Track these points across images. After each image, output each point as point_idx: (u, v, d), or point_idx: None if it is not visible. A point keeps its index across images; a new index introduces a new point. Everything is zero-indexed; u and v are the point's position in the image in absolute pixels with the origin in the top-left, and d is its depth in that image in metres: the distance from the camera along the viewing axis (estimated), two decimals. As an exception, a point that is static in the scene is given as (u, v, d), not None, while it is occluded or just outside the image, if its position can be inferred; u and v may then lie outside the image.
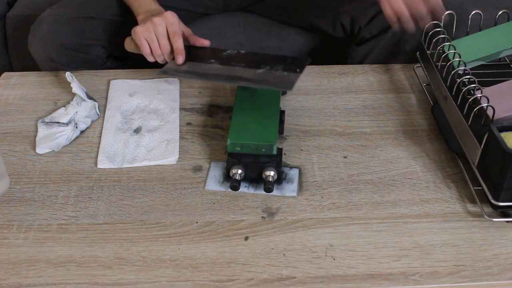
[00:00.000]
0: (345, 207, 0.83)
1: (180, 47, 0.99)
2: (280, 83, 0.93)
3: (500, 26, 1.03)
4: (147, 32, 0.98)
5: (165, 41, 0.99)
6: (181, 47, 0.99)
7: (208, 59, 1.01)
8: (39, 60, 1.12)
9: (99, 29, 1.14)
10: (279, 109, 0.94)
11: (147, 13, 1.04)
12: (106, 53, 1.18)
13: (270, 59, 1.01)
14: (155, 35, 0.98)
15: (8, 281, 0.73)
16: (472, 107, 0.84)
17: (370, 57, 1.20)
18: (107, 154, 0.93)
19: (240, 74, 0.96)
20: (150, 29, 0.98)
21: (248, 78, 0.95)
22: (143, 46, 0.99)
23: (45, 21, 1.10)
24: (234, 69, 0.98)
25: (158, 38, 0.98)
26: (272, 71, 0.96)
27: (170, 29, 0.99)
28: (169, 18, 0.99)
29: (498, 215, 0.81)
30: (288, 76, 0.95)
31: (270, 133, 0.88)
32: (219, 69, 0.98)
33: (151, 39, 0.99)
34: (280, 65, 0.98)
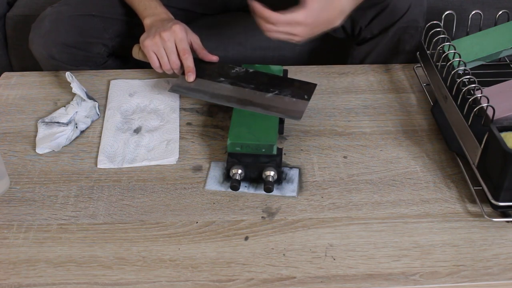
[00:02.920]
0: (345, 207, 0.83)
1: (190, 66, 0.99)
2: (289, 111, 0.93)
3: (500, 26, 1.04)
4: (156, 46, 0.99)
5: (174, 57, 0.99)
6: (191, 65, 0.99)
7: (216, 76, 1.01)
8: (40, 58, 1.12)
9: (101, 27, 1.14)
10: (279, 109, 0.94)
11: (153, 17, 1.04)
12: (107, 52, 1.18)
13: (279, 82, 1.00)
14: (164, 50, 0.99)
15: (8, 281, 0.73)
16: (472, 107, 0.84)
17: (371, 56, 1.20)
18: (107, 154, 0.93)
19: (250, 97, 0.96)
20: (159, 44, 0.98)
21: (257, 103, 0.95)
22: (153, 60, 1.00)
23: (46, 19, 1.10)
24: (244, 91, 0.98)
25: (167, 54, 0.99)
26: (281, 96, 0.96)
27: (180, 46, 0.99)
28: (178, 34, 0.98)
29: (498, 215, 0.81)
30: (296, 103, 0.95)
31: (270, 133, 0.88)
32: (229, 90, 0.98)
33: (160, 55, 0.99)
34: (288, 89, 0.98)
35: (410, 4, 1.13)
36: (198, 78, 1.00)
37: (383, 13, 1.13)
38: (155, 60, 1.00)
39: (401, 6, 1.13)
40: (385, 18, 1.14)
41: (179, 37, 0.98)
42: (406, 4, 1.13)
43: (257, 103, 0.95)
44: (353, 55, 1.23)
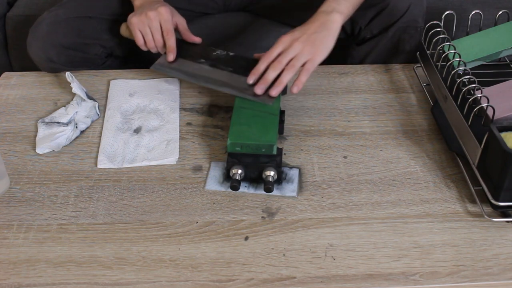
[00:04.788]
0: (345, 207, 0.83)
1: (172, 45, 1.03)
2: (262, 95, 0.95)
3: (500, 26, 1.04)
4: (141, 24, 1.02)
5: (158, 36, 1.03)
6: (173, 45, 1.03)
7: (198, 57, 1.04)
8: (39, 61, 1.12)
9: (98, 29, 1.14)
10: (279, 109, 0.94)
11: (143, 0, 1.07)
12: (106, 53, 1.18)
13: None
14: (149, 29, 1.02)
15: (8, 281, 0.73)
16: (472, 107, 0.84)
17: (371, 56, 1.20)
18: (107, 154, 0.93)
19: (227, 79, 0.99)
20: (145, 22, 1.02)
21: (233, 85, 0.97)
22: (138, 37, 1.04)
23: (44, 22, 1.10)
24: (222, 73, 1.01)
25: (152, 32, 1.03)
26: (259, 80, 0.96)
27: (164, 26, 1.02)
28: (163, 15, 1.02)
29: (498, 215, 0.81)
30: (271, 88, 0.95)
31: (270, 133, 0.87)
32: (208, 71, 1.02)
33: (145, 32, 1.03)
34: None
35: (410, 4, 1.13)
36: (180, 58, 1.04)
37: (383, 13, 1.13)
38: (140, 37, 1.04)
39: (401, 6, 1.13)
40: (384, 18, 1.14)
41: (164, 17, 1.02)
42: (406, 4, 1.13)
43: (233, 85, 0.97)
44: (352, 55, 1.23)
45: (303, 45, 0.94)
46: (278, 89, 0.93)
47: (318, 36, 0.95)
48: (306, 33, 0.95)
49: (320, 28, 0.95)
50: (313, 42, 0.94)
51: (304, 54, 0.93)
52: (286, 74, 0.93)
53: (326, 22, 0.96)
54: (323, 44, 0.95)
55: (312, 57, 0.94)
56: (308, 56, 0.94)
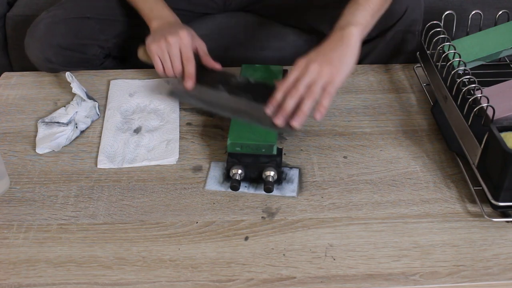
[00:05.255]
0: (345, 207, 0.83)
1: (191, 72, 0.99)
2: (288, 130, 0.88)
3: (500, 26, 1.04)
4: (160, 50, 0.99)
5: (177, 63, 1.00)
6: (192, 72, 0.99)
7: (216, 84, 0.99)
8: (37, 61, 1.12)
9: (96, 29, 1.14)
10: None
11: (160, 20, 1.04)
12: (104, 53, 1.18)
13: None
14: (168, 55, 0.99)
15: (8, 281, 0.73)
16: (472, 107, 0.84)
17: (368, 59, 1.20)
18: (107, 154, 0.93)
19: (245, 108, 0.93)
20: (164, 48, 0.99)
21: (252, 114, 0.91)
22: (156, 63, 1.01)
23: (42, 23, 1.10)
24: (241, 101, 0.95)
25: (171, 59, 0.99)
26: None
27: (184, 52, 0.99)
28: (184, 39, 0.99)
29: (498, 215, 0.81)
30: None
31: (270, 133, 0.87)
32: (225, 98, 0.97)
33: (164, 59, 1.00)
34: None
35: (407, 7, 1.13)
36: (197, 84, 1.00)
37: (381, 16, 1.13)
38: (159, 64, 1.00)
39: (398, 9, 1.13)
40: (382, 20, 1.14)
41: (184, 43, 0.99)
42: (403, 7, 1.13)
43: (252, 114, 0.91)
44: None
45: (320, 66, 0.86)
46: (300, 119, 0.86)
47: (335, 54, 0.88)
48: (322, 53, 0.88)
49: (336, 45, 0.89)
50: (330, 62, 0.87)
51: (322, 77, 0.86)
52: (306, 102, 0.86)
53: (342, 37, 0.89)
54: (342, 62, 0.88)
55: (332, 78, 0.86)
56: (327, 78, 0.86)
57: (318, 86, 0.86)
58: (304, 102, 0.86)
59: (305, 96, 0.86)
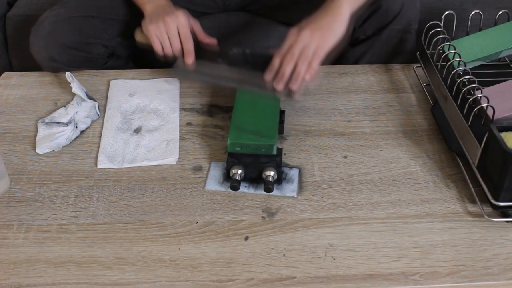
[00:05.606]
0: (345, 207, 0.83)
1: (190, 49, 1.03)
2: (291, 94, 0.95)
3: (500, 26, 1.04)
4: (158, 31, 1.03)
5: (176, 42, 1.03)
6: (191, 49, 1.03)
7: (215, 58, 1.04)
8: (41, 60, 1.12)
9: (100, 28, 1.14)
10: (279, 109, 0.94)
11: (153, 4, 1.07)
12: (108, 52, 1.18)
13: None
14: (167, 34, 1.02)
15: (8, 281, 0.73)
16: (472, 107, 0.84)
17: (365, 58, 1.20)
18: (107, 154, 0.93)
19: (248, 78, 0.99)
20: (162, 29, 1.02)
21: (255, 83, 0.97)
22: (155, 43, 1.04)
23: (46, 21, 1.10)
24: (241, 71, 1.01)
25: (169, 38, 1.03)
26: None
27: (181, 31, 1.03)
28: (181, 19, 1.03)
29: (498, 215, 0.81)
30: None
31: (270, 133, 0.87)
32: (227, 71, 1.02)
33: (163, 38, 1.03)
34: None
35: (403, 5, 1.13)
36: (197, 60, 1.03)
37: (376, 14, 1.14)
38: (157, 43, 1.03)
39: (394, 7, 1.13)
40: (378, 19, 1.14)
41: (181, 22, 1.03)
42: (399, 5, 1.13)
43: (255, 83, 0.97)
44: (347, 56, 1.23)
45: (311, 33, 0.94)
46: (297, 82, 0.94)
47: (325, 22, 0.96)
48: (312, 21, 0.96)
49: (326, 14, 0.97)
50: (320, 29, 0.95)
51: (313, 41, 0.94)
52: (300, 65, 0.94)
53: (332, 7, 0.97)
54: (331, 29, 0.95)
55: (322, 43, 0.94)
56: (317, 43, 0.94)
57: (310, 50, 0.94)
58: (299, 66, 0.94)
59: (299, 60, 0.94)
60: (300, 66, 0.94)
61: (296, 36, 0.95)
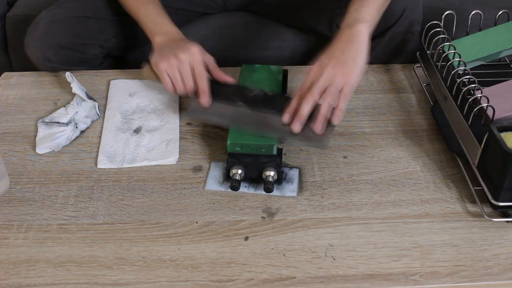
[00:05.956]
0: (345, 207, 0.83)
1: (205, 89, 0.94)
2: (315, 139, 0.88)
3: (500, 26, 1.04)
4: (170, 69, 0.94)
5: (190, 81, 0.95)
6: (206, 89, 0.94)
7: (234, 99, 0.95)
8: (36, 60, 1.12)
9: (96, 29, 1.14)
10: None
11: (164, 36, 0.99)
12: (104, 53, 1.18)
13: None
14: (179, 73, 0.95)
15: (8, 281, 0.73)
16: (472, 107, 0.84)
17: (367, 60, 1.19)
18: (107, 154, 0.93)
19: (273, 123, 0.90)
20: (174, 66, 0.94)
21: (281, 130, 0.89)
22: (166, 83, 0.96)
23: (41, 22, 1.10)
24: (265, 116, 0.91)
25: (183, 77, 0.95)
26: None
27: (196, 69, 0.95)
28: (196, 56, 0.94)
29: (498, 215, 0.81)
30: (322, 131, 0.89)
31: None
32: (249, 115, 0.92)
33: (175, 78, 0.95)
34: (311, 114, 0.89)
35: (405, 7, 1.13)
36: (214, 101, 0.95)
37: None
38: (168, 82, 0.96)
39: (396, 10, 1.12)
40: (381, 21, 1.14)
41: (196, 59, 0.94)
42: (401, 7, 1.13)
43: (280, 129, 0.89)
44: None
45: (334, 70, 0.86)
46: (320, 123, 0.86)
47: (348, 56, 0.87)
48: (334, 57, 0.88)
49: (347, 47, 0.88)
50: (343, 64, 0.87)
51: (338, 79, 0.86)
52: (324, 104, 0.86)
53: (352, 36, 0.89)
54: (355, 62, 0.88)
55: (347, 80, 0.86)
56: (342, 81, 0.86)
57: (333, 88, 0.86)
58: (323, 105, 0.86)
59: (323, 99, 0.86)
60: (324, 105, 0.86)
61: (317, 74, 0.87)
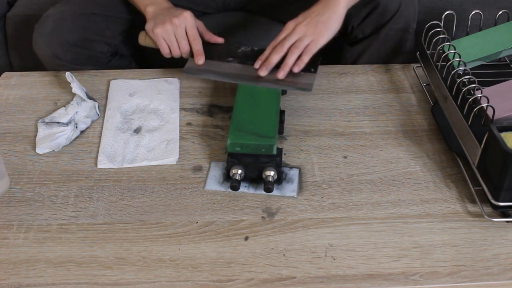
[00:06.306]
0: (345, 207, 0.83)
1: (200, 50, 1.04)
2: (299, 83, 0.99)
3: (500, 26, 1.04)
4: (166, 33, 1.03)
5: (185, 43, 1.04)
6: (201, 49, 1.04)
7: (225, 56, 1.06)
8: (45, 58, 1.12)
9: (103, 26, 1.14)
10: (279, 109, 0.94)
11: (155, 6, 1.07)
12: (111, 51, 1.18)
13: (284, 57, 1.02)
14: (175, 36, 1.03)
15: (8, 281, 0.73)
16: (472, 107, 0.84)
17: (363, 57, 1.20)
18: (107, 154, 0.93)
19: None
20: (170, 31, 1.02)
21: (267, 78, 1.00)
22: (163, 46, 1.04)
23: (50, 19, 1.10)
24: (253, 69, 1.02)
25: (178, 40, 1.03)
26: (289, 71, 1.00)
27: (190, 32, 1.04)
28: (189, 20, 1.03)
29: (498, 215, 0.81)
30: (304, 76, 1.01)
31: (270, 133, 0.87)
32: (239, 68, 1.04)
33: (170, 41, 1.03)
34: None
35: (401, 3, 1.13)
36: (207, 59, 1.05)
37: (374, 13, 1.14)
38: (165, 46, 1.04)
39: (392, 6, 1.13)
40: (376, 17, 1.14)
41: (189, 23, 1.03)
42: (397, 3, 1.13)
43: (266, 78, 1.00)
44: (345, 55, 1.23)
45: (306, 28, 0.97)
46: (283, 71, 0.97)
47: (321, 18, 0.98)
48: (309, 16, 0.98)
49: (323, 10, 0.99)
50: (316, 24, 0.97)
51: (307, 36, 0.97)
52: (290, 56, 0.97)
53: (329, 3, 0.99)
54: (326, 25, 0.98)
55: (315, 38, 0.97)
56: (311, 38, 0.97)
57: (302, 43, 0.97)
58: (288, 56, 0.98)
59: (289, 51, 0.98)
60: (289, 57, 0.97)
61: (291, 29, 0.98)
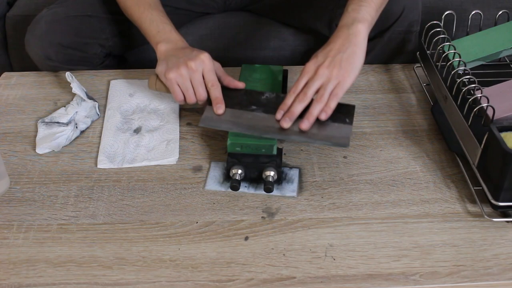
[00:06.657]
0: (345, 207, 0.83)
1: (219, 97, 0.92)
2: (334, 138, 0.87)
3: (500, 26, 1.04)
4: (181, 78, 0.91)
5: (202, 90, 0.92)
6: (220, 97, 0.92)
7: (247, 104, 0.93)
8: (37, 59, 1.12)
9: (97, 28, 1.14)
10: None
11: (168, 44, 0.96)
12: (104, 52, 1.18)
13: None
14: (191, 82, 0.92)
15: (8, 281, 0.73)
16: (472, 107, 0.84)
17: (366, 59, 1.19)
18: (107, 154, 0.93)
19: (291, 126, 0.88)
20: (185, 76, 0.91)
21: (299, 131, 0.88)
22: (176, 93, 0.93)
23: (42, 20, 1.10)
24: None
25: (194, 86, 0.92)
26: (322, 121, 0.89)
27: (208, 77, 0.92)
28: (207, 64, 0.92)
29: (498, 215, 0.81)
30: (339, 128, 0.89)
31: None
32: (264, 118, 0.90)
33: (186, 87, 0.92)
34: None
35: (404, 7, 1.13)
36: (227, 108, 0.92)
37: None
38: (179, 93, 0.93)
39: (395, 10, 1.13)
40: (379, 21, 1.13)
41: (207, 67, 0.92)
42: (400, 7, 1.13)
43: (296, 131, 0.88)
44: None
45: (329, 70, 0.86)
46: (308, 121, 0.86)
47: (344, 56, 0.87)
48: (330, 56, 0.87)
49: (343, 46, 0.88)
50: (339, 64, 0.86)
51: (331, 80, 0.86)
52: (315, 105, 0.86)
53: (349, 37, 0.88)
54: (351, 63, 0.87)
55: (341, 81, 0.86)
56: (336, 81, 0.86)
57: (326, 91, 0.86)
58: (313, 106, 0.87)
59: (314, 101, 0.87)
60: (315, 107, 0.86)
61: (312, 73, 0.87)
